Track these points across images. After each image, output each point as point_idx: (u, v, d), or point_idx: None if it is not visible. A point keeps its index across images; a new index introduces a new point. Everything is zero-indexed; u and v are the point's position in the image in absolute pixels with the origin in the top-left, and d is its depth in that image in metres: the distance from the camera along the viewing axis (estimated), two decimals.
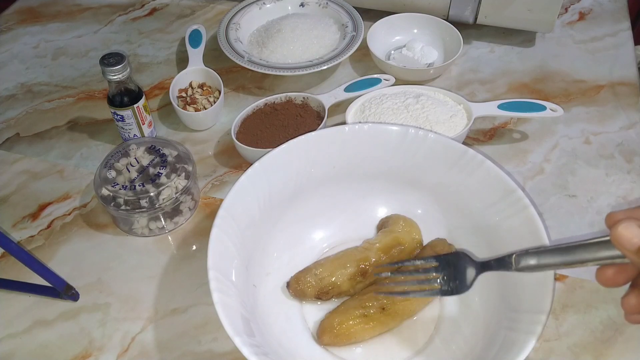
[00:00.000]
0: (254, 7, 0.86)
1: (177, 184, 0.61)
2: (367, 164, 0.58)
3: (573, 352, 0.53)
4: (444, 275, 0.47)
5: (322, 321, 0.52)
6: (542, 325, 0.43)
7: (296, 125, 0.69)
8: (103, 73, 0.63)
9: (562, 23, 0.89)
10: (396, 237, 0.56)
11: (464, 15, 0.83)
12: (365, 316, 0.51)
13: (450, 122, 0.67)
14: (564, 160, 0.69)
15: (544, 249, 0.41)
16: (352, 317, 0.51)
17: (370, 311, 0.51)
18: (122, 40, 0.90)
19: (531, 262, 0.41)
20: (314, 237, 0.59)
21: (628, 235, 0.34)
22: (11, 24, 0.93)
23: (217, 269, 0.47)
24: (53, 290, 0.55)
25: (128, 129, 0.68)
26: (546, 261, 0.40)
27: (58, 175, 0.70)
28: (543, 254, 0.41)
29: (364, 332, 0.51)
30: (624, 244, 0.35)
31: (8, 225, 0.65)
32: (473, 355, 0.48)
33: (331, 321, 0.51)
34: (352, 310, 0.51)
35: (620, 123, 0.73)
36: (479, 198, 0.54)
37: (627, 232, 0.34)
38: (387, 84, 0.73)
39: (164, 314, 0.56)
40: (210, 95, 0.75)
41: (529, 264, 0.42)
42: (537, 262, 0.41)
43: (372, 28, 0.82)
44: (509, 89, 0.79)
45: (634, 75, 0.80)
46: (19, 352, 0.54)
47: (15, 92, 0.81)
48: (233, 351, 0.52)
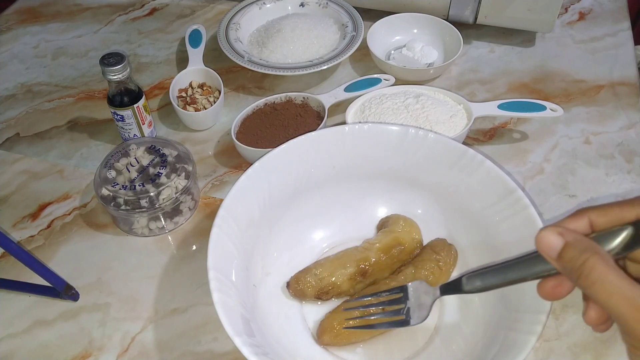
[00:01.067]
0: (254, 7, 0.86)
1: (177, 184, 0.61)
2: (367, 164, 0.58)
3: (573, 352, 0.53)
4: (407, 306, 0.48)
5: (322, 321, 0.52)
6: (542, 325, 0.43)
7: (296, 125, 0.69)
8: (103, 73, 0.63)
9: (562, 23, 0.89)
10: (396, 237, 0.56)
11: (464, 15, 0.83)
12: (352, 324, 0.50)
13: (450, 122, 0.67)
14: (564, 160, 0.69)
15: (488, 269, 0.42)
16: (352, 317, 0.51)
17: None
18: (122, 40, 0.90)
19: (477, 284, 0.42)
20: (314, 237, 0.59)
21: (546, 244, 0.35)
22: (11, 24, 0.93)
23: (217, 269, 0.47)
24: (53, 290, 0.55)
25: (128, 129, 0.68)
26: (490, 282, 0.41)
27: (58, 175, 0.70)
28: (487, 275, 0.41)
29: (364, 332, 0.51)
30: (545, 251, 0.35)
31: (8, 225, 0.65)
32: (473, 355, 0.48)
33: (331, 321, 0.51)
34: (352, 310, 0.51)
35: (620, 123, 0.73)
36: (479, 198, 0.54)
37: (545, 240, 0.35)
38: (387, 84, 0.73)
39: (164, 314, 0.56)
40: (210, 95, 0.75)
41: (475, 286, 0.42)
42: (482, 283, 0.42)
43: (372, 28, 0.82)
44: (509, 89, 0.79)
45: (634, 75, 0.80)
46: (19, 352, 0.54)
47: (15, 92, 0.81)
48: (233, 351, 0.52)
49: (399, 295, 0.49)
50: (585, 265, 0.32)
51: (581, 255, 0.33)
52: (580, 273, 0.33)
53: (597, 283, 0.32)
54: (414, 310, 0.47)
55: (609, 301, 0.32)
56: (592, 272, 0.32)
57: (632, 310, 0.31)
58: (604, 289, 0.32)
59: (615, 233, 0.34)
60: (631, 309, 0.31)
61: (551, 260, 0.35)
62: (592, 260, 0.32)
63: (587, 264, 0.32)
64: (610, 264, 0.32)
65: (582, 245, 0.34)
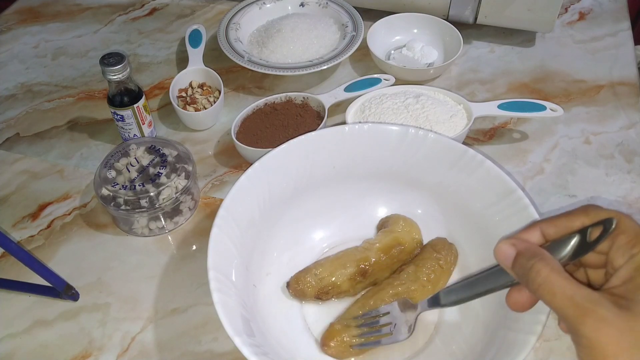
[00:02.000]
0: (254, 7, 0.86)
1: (177, 184, 0.61)
2: (367, 164, 0.58)
3: (573, 352, 0.52)
4: (394, 323, 0.50)
5: (327, 330, 0.51)
6: (542, 325, 0.43)
7: (296, 125, 0.69)
8: (103, 73, 0.63)
9: (562, 23, 0.89)
10: (396, 237, 0.56)
11: (464, 15, 0.83)
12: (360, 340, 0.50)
13: (450, 122, 0.67)
14: (564, 160, 0.69)
15: (460, 284, 0.45)
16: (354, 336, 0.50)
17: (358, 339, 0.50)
18: (122, 40, 0.90)
19: (452, 298, 0.45)
20: (314, 237, 0.59)
21: (502, 254, 0.38)
22: (11, 24, 0.93)
23: (217, 269, 0.47)
24: (53, 290, 0.55)
25: (128, 129, 0.68)
26: (462, 295, 0.44)
27: (58, 175, 0.70)
28: (459, 289, 0.45)
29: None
30: (502, 261, 0.38)
31: (8, 225, 0.65)
32: (473, 355, 0.48)
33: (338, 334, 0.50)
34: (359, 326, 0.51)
35: (620, 123, 0.73)
36: (479, 198, 0.54)
37: (500, 251, 0.38)
38: (387, 84, 0.73)
39: (164, 314, 0.56)
40: (210, 95, 0.75)
41: (451, 299, 0.45)
42: (456, 297, 0.45)
43: (372, 28, 0.82)
44: (509, 89, 0.79)
45: (634, 75, 0.80)
46: (19, 352, 0.54)
47: (15, 92, 0.81)
48: (233, 351, 0.52)
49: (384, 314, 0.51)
50: (532, 270, 0.35)
51: (529, 262, 0.36)
52: (528, 277, 0.35)
53: (542, 285, 0.34)
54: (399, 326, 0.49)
55: (553, 300, 0.34)
56: (537, 275, 0.35)
57: (572, 307, 0.33)
58: (549, 289, 0.34)
59: (565, 241, 0.37)
60: (572, 307, 0.33)
61: (507, 268, 0.38)
62: (538, 265, 0.35)
63: (534, 269, 0.35)
64: (555, 267, 0.35)
65: (530, 252, 0.37)
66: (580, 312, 0.32)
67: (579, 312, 0.32)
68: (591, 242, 0.36)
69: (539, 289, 0.35)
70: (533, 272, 0.35)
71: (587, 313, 0.32)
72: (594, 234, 0.36)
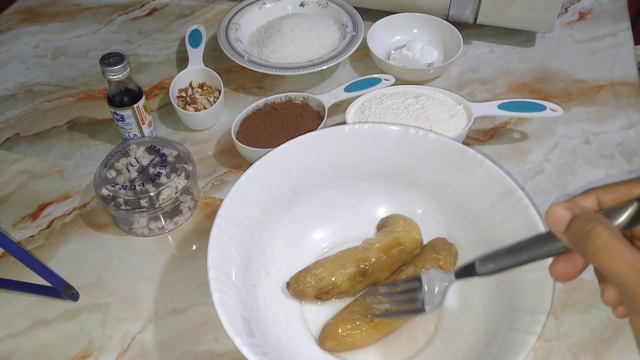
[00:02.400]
0: (254, 7, 0.86)
1: (177, 184, 0.61)
2: (367, 164, 0.58)
3: (573, 352, 0.53)
4: (423, 294, 0.48)
5: (325, 327, 0.52)
6: (542, 325, 0.43)
7: (296, 125, 0.69)
8: (103, 73, 0.63)
9: (562, 23, 0.89)
10: (396, 237, 0.56)
11: (464, 15, 0.83)
12: (370, 321, 0.50)
13: (450, 122, 0.67)
14: (564, 160, 0.69)
15: (499, 251, 0.42)
16: (358, 326, 0.50)
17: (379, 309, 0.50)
18: (122, 40, 0.90)
19: (490, 266, 0.43)
20: (314, 237, 0.59)
21: (555, 217, 0.36)
22: (11, 24, 0.93)
23: (217, 269, 0.47)
24: (53, 290, 0.55)
25: (128, 129, 0.68)
26: (502, 263, 0.42)
27: (58, 175, 0.70)
28: (499, 257, 0.42)
29: (369, 338, 0.51)
30: (554, 224, 0.36)
31: (8, 225, 0.65)
32: (473, 355, 0.48)
33: (335, 328, 0.51)
34: (357, 317, 0.51)
35: (620, 123, 0.73)
36: (479, 198, 0.54)
37: (554, 213, 0.36)
38: (387, 84, 0.73)
39: (164, 314, 0.56)
40: (210, 95, 0.75)
41: (488, 268, 0.43)
42: (495, 266, 0.42)
43: (372, 28, 0.82)
44: (509, 89, 0.79)
45: (634, 75, 0.80)
46: (19, 352, 0.54)
47: (15, 92, 0.81)
48: (233, 351, 0.52)
49: (414, 284, 0.49)
50: (591, 233, 0.34)
51: (587, 225, 0.34)
52: (585, 241, 0.34)
53: (602, 248, 0.33)
54: (429, 297, 0.47)
55: (612, 266, 0.33)
56: (597, 239, 0.33)
57: (634, 273, 0.32)
58: (608, 254, 0.33)
59: (622, 209, 0.35)
60: (633, 273, 0.32)
61: (559, 233, 0.36)
62: (598, 229, 0.33)
63: (593, 232, 0.34)
64: (615, 232, 0.33)
65: (589, 216, 0.35)
66: None
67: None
68: None
69: (597, 253, 0.33)
70: (592, 235, 0.34)
71: None
72: None
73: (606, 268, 0.33)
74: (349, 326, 0.50)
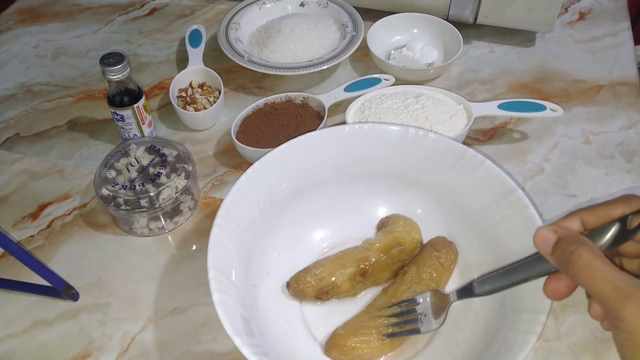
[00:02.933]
0: (254, 7, 0.86)
1: (177, 184, 0.61)
2: (367, 164, 0.58)
3: (573, 352, 0.53)
4: (424, 313, 0.50)
5: (334, 335, 0.51)
6: (542, 325, 0.43)
7: (296, 125, 0.69)
8: (103, 73, 0.63)
9: (562, 23, 0.89)
10: (396, 237, 0.56)
11: (464, 15, 0.83)
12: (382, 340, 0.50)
13: (450, 122, 0.67)
14: (564, 160, 0.69)
15: (495, 273, 0.44)
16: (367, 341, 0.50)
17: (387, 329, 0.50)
18: (122, 40, 0.90)
19: (487, 287, 0.45)
20: (314, 237, 0.59)
21: (541, 239, 0.38)
22: (11, 24, 0.93)
23: (217, 268, 0.47)
24: (53, 290, 0.55)
25: (128, 129, 0.68)
26: (497, 284, 0.44)
27: (58, 175, 0.70)
28: (494, 278, 0.44)
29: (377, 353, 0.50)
30: (541, 247, 0.38)
31: (8, 225, 0.65)
32: (473, 355, 0.48)
33: (344, 340, 0.50)
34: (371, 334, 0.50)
35: (620, 123, 0.73)
36: (479, 198, 0.54)
37: (540, 236, 0.38)
38: (387, 84, 0.73)
39: (164, 314, 0.56)
40: (210, 95, 0.75)
41: (485, 289, 0.45)
42: (491, 286, 0.45)
43: (372, 28, 0.82)
44: (509, 89, 0.79)
45: (634, 75, 0.80)
46: (19, 352, 0.54)
47: (15, 92, 0.81)
48: (233, 351, 0.52)
49: (415, 304, 0.51)
50: (574, 254, 0.36)
51: (570, 247, 0.36)
52: (569, 262, 0.36)
53: (583, 269, 0.35)
54: (429, 317, 0.50)
55: (593, 285, 0.34)
56: (579, 260, 0.35)
57: (612, 290, 0.33)
58: (589, 273, 0.35)
59: (605, 229, 0.37)
60: (612, 290, 0.33)
61: (546, 254, 0.38)
62: (580, 250, 0.36)
63: (575, 253, 0.36)
64: (596, 253, 0.35)
65: (572, 238, 0.37)
66: (621, 296, 0.33)
67: (620, 295, 0.33)
68: (631, 230, 0.36)
69: (580, 273, 0.35)
70: (574, 256, 0.35)
71: (629, 297, 0.32)
72: (634, 222, 0.36)
73: (588, 287, 0.35)
74: (358, 339, 0.50)
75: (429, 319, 0.49)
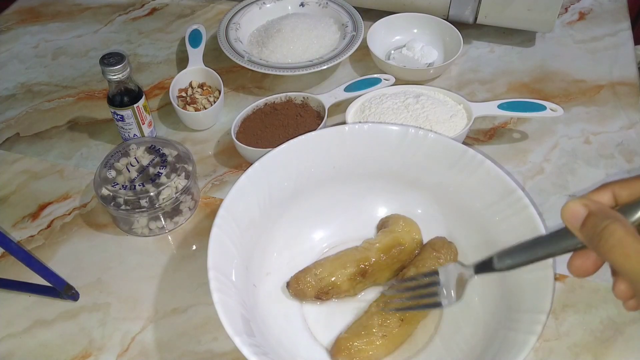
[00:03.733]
0: (254, 7, 0.86)
1: (177, 184, 0.61)
2: (367, 164, 0.58)
3: (573, 352, 0.53)
4: (443, 288, 0.48)
5: (338, 339, 0.51)
6: (542, 325, 0.43)
7: (296, 125, 0.69)
8: (103, 73, 0.63)
9: (562, 23, 0.89)
10: (396, 237, 0.56)
11: (464, 15, 0.83)
12: (385, 336, 0.50)
13: (450, 122, 0.67)
14: (564, 160, 0.69)
15: (516, 247, 0.42)
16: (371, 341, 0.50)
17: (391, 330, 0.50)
18: (122, 40, 0.90)
19: (508, 262, 0.43)
20: (314, 237, 0.59)
21: (571, 213, 0.36)
22: (11, 24, 0.93)
23: (217, 268, 0.47)
24: (53, 290, 0.55)
25: (128, 129, 0.68)
26: (519, 259, 0.42)
27: (58, 175, 0.70)
28: (516, 252, 0.42)
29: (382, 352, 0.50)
30: (570, 221, 0.36)
31: (8, 225, 0.65)
32: (473, 355, 0.48)
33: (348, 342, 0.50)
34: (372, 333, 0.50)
35: (620, 123, 0.73)
36: (479, 198, 0.54)
37: (570, 210, 0.36)
38: (387, 84, 0.73)
39: (164, 314, 0.56)
40: (210, 95, 0.75)
41: (506, 263, 0.43)
42: (512, 261, 0.42)
43: (372, 28, 0.82)
44: (509, 89, 0.79)
45: (634, 75, 0.80)
46: (19, 352, 0.54)
47: (15, 92, 0.81)
48: (233, 351, 0.52)
49: (433, 278, 0.49)
50: (605, 231, 0.34)
51: (602, 222, 0.34)
52: (600, 238, 0.34)
53: (616, 246, 0.33)
54: (448, 291, 0.48)
55: (626, 263, 0.33)
56: (611, 236, 0.33)
57: None
58: (622, 251, 0.33)
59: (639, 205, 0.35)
60: None
61: (575, 229, 0.36)
62: (613, 226, 0.33)
63: (607, 229, 0.34)
64: (630, 230, 0.33)
65: (604, 213, 0.35)
66: None
67: None
68: None
69: (611, 251, 0.33)
70: (606, 232, 0.33)
71: None
72: None
73: (620, 265, 0.33)
74: (361, 341, 0.50)
75: (448, 292, 0.47)
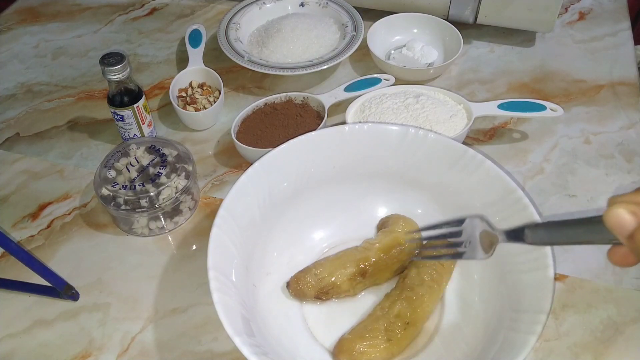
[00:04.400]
0: (254, 7, 0.86)
1: (177, 184, 0.61)
2: (367, 164, 0.58)
3: (573, 352, 0.53)
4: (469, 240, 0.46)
5: (341, 340, 0.51)
6: (542, 325, 0.43)
7: (296, 125, 0.69)
8: (103, 73, 0.63)
9: (562, 23, 0.89)
10: (396, 237, 0.56)
11: (464, 15, 0.83)
12: (389, 340, 0.50)
13: (450, 122, 0.67)
14: (564, 160, 0.69)
15: (554, 223, 0.40)
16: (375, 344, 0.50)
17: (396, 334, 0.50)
18: (122, 40, 0.90)
19: (542, 236, 0.41)
20: (314, 237, 0.59)
21: (617, 222, 0.33)
22: (11, 24, 0.93)
23: (217, 268, 0.47)
24: (53, 290, 0.55)
25: (128, 129, 0.68)
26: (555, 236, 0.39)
27: (58, 175, 0.70)
28: (553, 229, 0.40)
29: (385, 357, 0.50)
30: (615, 229, 0.33)
31: (8, 225, 0.65)
32: (473, 356, 0.48)
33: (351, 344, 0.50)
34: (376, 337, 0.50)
35: (620, 123, 0.73)
36: (479, 198, 0.54)
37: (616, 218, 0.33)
38: (387, 84, 0.73)
39: (164, 314, 0.56)
40: (210, 95, 0.75)
41: (539, 238, 0.41)
42: (548, 237, 0.40)
43: (372, 28, 0.82)
44: (509, 89, 0.79)
45: (634, 75, 0.80)
46: (19, 352, 0.54)
47: (15, 92, 0.81)
48: (233, 351, 0.52)
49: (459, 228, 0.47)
50: None
51: None
52: None
53: None
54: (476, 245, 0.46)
55: None
56: None
57: None
58: None
59: None
60: None
61: (622, 238, 0.33)
62: None
63: None
64: None
65: None
66: None
67: None
68: None
69: None
70: None
71: None
72: None
73: None
74: (365, 343, 0.50)
75: (474, 246, 0.45)
